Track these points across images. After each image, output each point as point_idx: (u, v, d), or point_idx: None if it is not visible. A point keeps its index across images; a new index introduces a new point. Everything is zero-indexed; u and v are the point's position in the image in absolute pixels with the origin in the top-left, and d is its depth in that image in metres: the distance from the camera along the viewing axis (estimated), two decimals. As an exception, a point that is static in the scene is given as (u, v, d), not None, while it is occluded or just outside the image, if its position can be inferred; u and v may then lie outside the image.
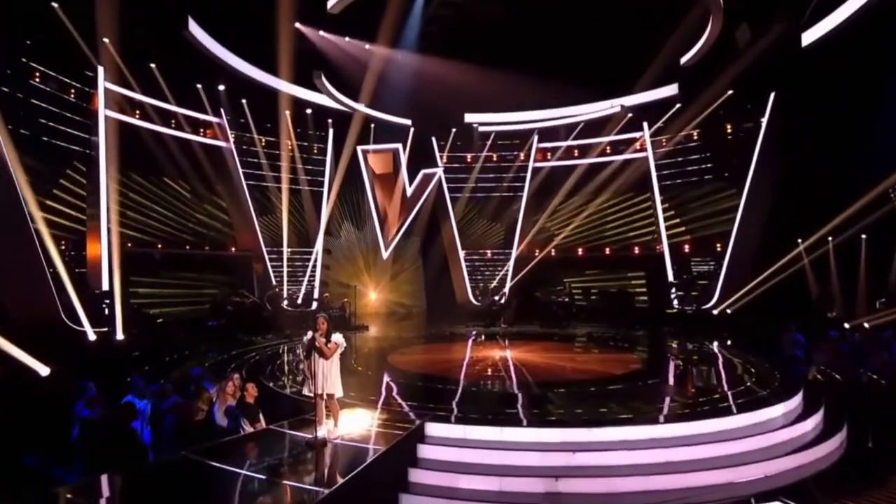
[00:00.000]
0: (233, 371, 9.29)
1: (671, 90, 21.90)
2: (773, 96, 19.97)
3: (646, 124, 23.34)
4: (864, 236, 17.22)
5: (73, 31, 15.31)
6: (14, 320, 11.76)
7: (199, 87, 20.72)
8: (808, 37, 16.83)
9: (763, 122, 20.26)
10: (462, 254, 25.44)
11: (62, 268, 13.77)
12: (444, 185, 25.54)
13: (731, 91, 20.25)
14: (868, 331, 14.90)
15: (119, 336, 14.38)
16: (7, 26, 14.17)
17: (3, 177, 12.50)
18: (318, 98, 22.74)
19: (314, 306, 22.12)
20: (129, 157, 17.43)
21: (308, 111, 23.54)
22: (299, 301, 22.57)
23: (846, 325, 15.74)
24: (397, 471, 6.85)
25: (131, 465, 6.21)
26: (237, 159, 22.15)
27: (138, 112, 18.91)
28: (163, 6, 16.93)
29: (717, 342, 16.03)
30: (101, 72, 16.36)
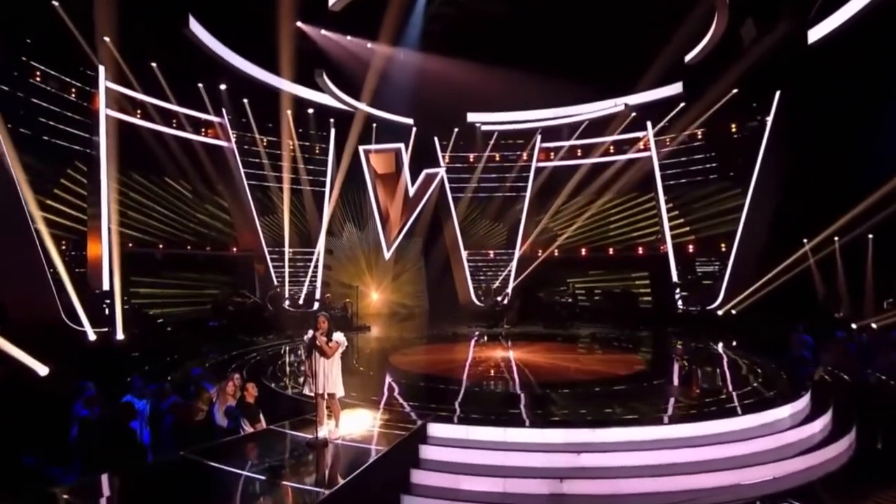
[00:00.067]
0: (233, 371, 9.21)
1: (675, 89, 21.84)
2: (778, 95, 19.89)
3: (650, 123, 23.24)
4: (870, 236, 17.07)
5: (74, 29, 15.29)
6: (14, 320, 11.70)
7: (200, 86, 20.73)
8: (814, 34, 16.74)
9: (768, 120, 20.17)
10: (464, 254, 25.38)
11: (62, 268, 13.74)
12: (447, 184, 25.47)
13: (735, 89, 20.10)
14: (876, 331, 14.84)
15: (119, 336, 14.35)
16: (7, 25, 14.14)
17: (4, 176, 12.46)
18: (319, 97, 22.71)
19: (316, 307, 22.05)
20: (130, 157, 17.43)
21: (310, 110, 23.52)
22: (301, 301, 22.51)
23: (853, 326, 15.64)
24: (399, 472, 6.78)
25: (130, 466, 6.16)
26: (238, 159, 22.14)
27: (139, 111, 18.91)
28: (163, 4, 16.90)
29: (722, 343, 15.91)
30: (101, 71, 16.35)
